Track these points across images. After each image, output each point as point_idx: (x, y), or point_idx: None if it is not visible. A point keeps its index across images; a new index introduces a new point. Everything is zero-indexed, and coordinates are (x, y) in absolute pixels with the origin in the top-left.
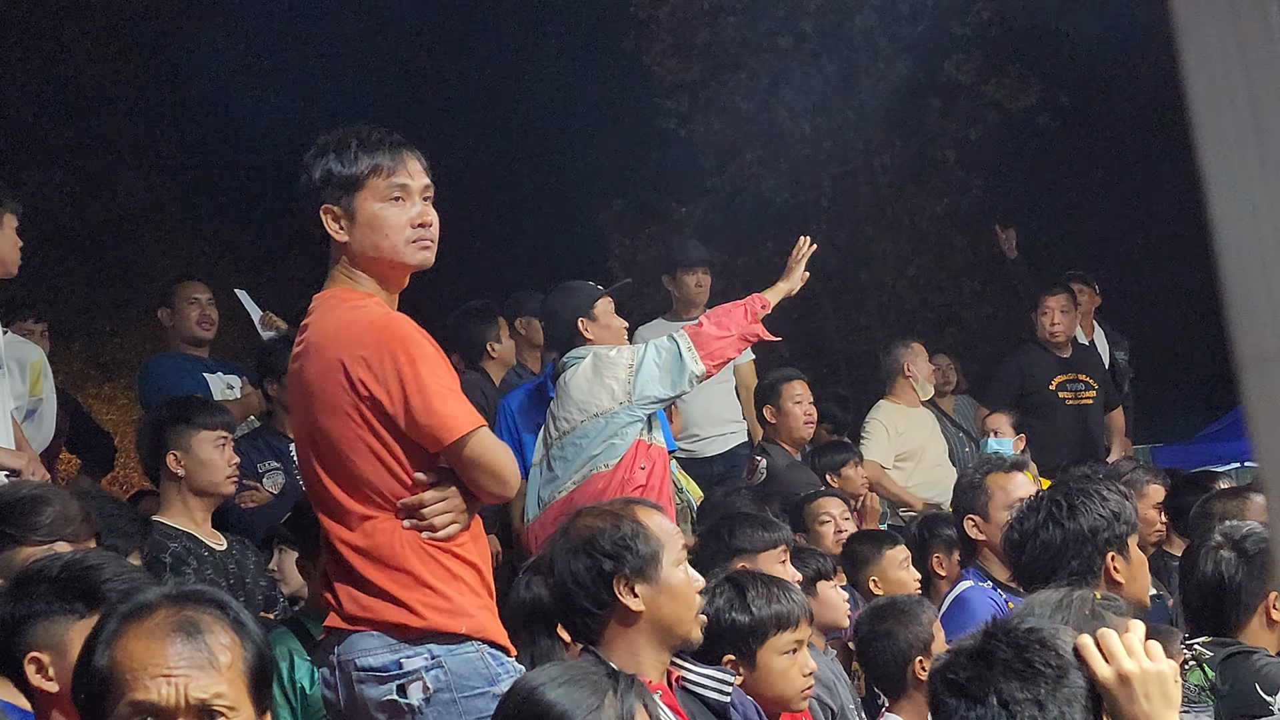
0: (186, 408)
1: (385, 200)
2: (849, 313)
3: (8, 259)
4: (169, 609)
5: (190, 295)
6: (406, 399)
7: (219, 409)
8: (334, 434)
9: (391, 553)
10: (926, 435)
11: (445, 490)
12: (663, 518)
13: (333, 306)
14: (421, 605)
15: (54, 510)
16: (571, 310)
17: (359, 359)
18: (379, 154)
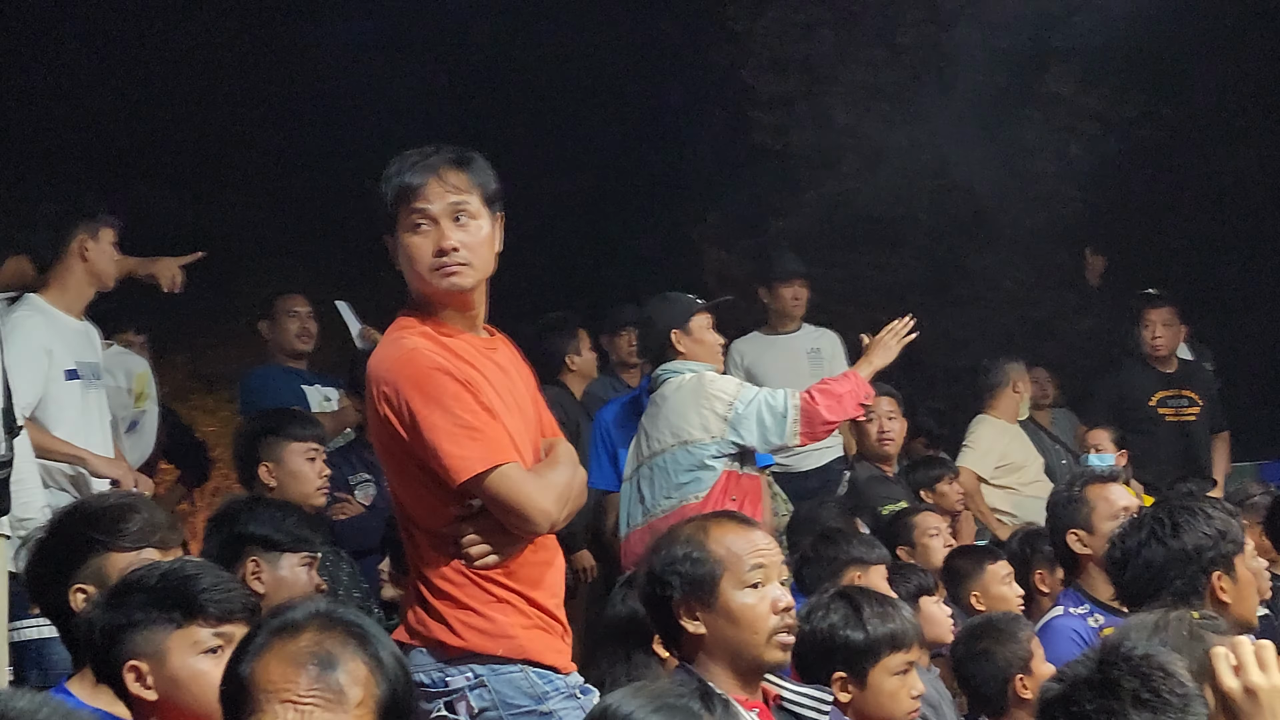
0: (278, 420)
1: (410, 230)
2: (946, 326)
3: (104, 273)
4: (314, 633)
5: (290, 308)
6: (420, 437)
7: (310, 421)
8: (385, 462)
9: (437, 573)
10: (1027, 451)
11: (478, 523)
12: (740, 536)
13: (386, 336)
14: (461, 625)
15: (142, 518)
16: (666, 321)
17: (383, 395)
18: (407, 176)
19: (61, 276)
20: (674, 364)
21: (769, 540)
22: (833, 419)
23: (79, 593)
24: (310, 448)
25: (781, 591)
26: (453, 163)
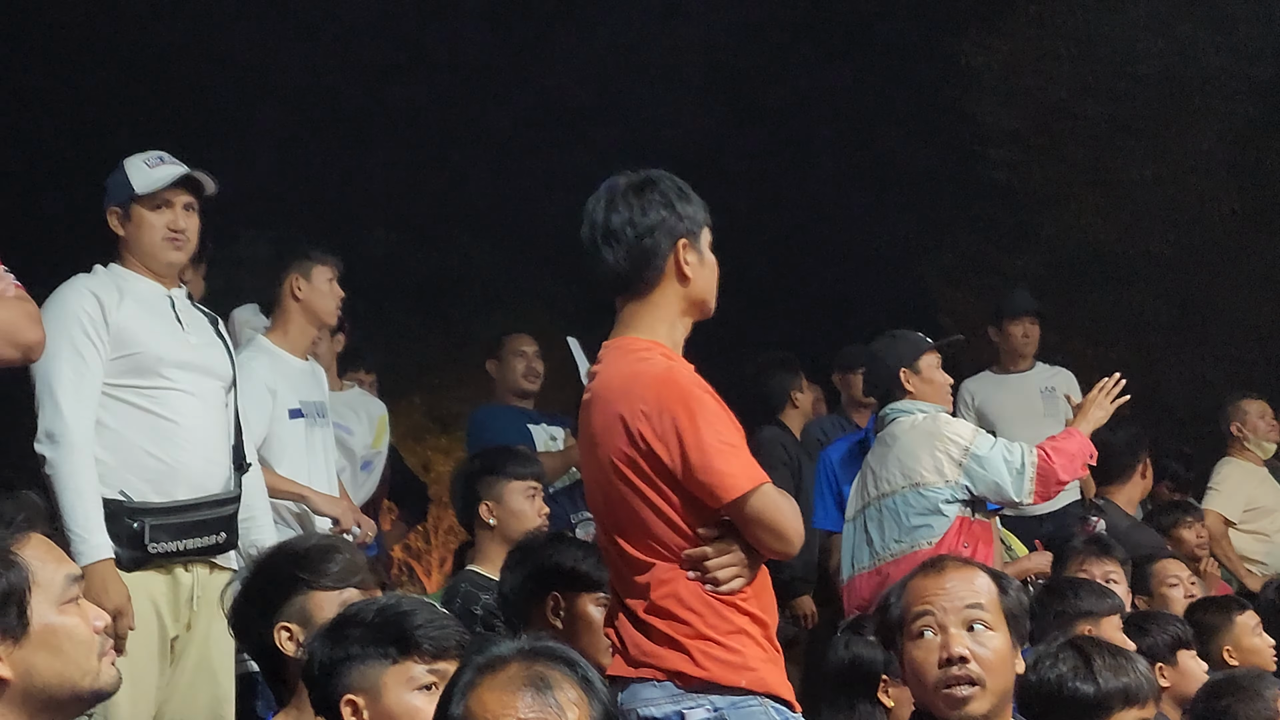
0: (498, 458)
1: (709, 247)
2: (1191, 366)
3: (321, 310)
4: (521, 663)
5: (517, 348)
6: (685, 455)
7: (530, 459)
8: (617, 484)
9: (676, 602)
10: (1276, 495)
11: (729, 544)
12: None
13: (620, 356)
14: (703, 655)
15: (343, 558)
16: (895, 359)
17: (639, 413)
18: (703, 204)
19: (281, 317)
20: (903, 403)
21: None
22: (1066, 479)
23: (283, 630)
24: (529, 486)
25: (953, 640)
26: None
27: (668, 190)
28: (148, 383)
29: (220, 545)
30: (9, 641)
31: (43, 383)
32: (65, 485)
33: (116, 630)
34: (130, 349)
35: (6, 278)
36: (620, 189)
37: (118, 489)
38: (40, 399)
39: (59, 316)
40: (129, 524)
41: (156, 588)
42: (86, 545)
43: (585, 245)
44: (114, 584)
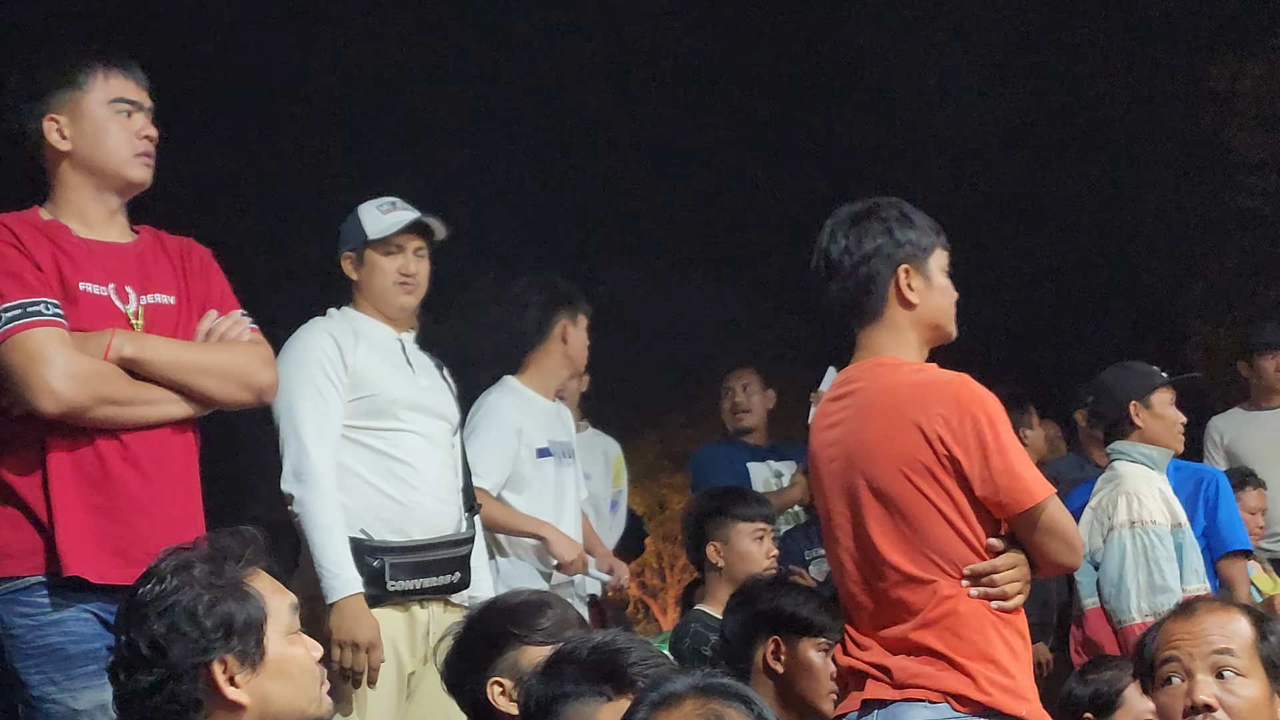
0: (725, 499)
1: (944, 270)
2: None
3: (579, 358)
4: (696, 700)
5: (728, 384)
6: (987, 459)
7: (758, 501)
8: (898, 496)
9: (957, 620)
10: None
11: (1016, 557)
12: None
13: (887, 371)
14: (985, 679)
15: (555, 613)
16: (1126, 391)
17: (938, 417)
18: (937, 230)
19: (540, 359)
20: (1127, 445)
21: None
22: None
23: (495, 685)
24: (758, 528)
25: (1198, 687)
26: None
27: (888, 217)
28: (382, 424)
29: (455, 585)
30: (247, 669)
31: (287, 423)
32: (315, 523)
33: (370, 662)
34: (366, 391)
35: (243, 321)
36: (841, 218)
37: (358, 528)
38: (285, 439)
39: (299, 358)
40: (369, 562)
41: (394, 624)
42: (338, 580)
43: (814, 276)
44: (365, 618)
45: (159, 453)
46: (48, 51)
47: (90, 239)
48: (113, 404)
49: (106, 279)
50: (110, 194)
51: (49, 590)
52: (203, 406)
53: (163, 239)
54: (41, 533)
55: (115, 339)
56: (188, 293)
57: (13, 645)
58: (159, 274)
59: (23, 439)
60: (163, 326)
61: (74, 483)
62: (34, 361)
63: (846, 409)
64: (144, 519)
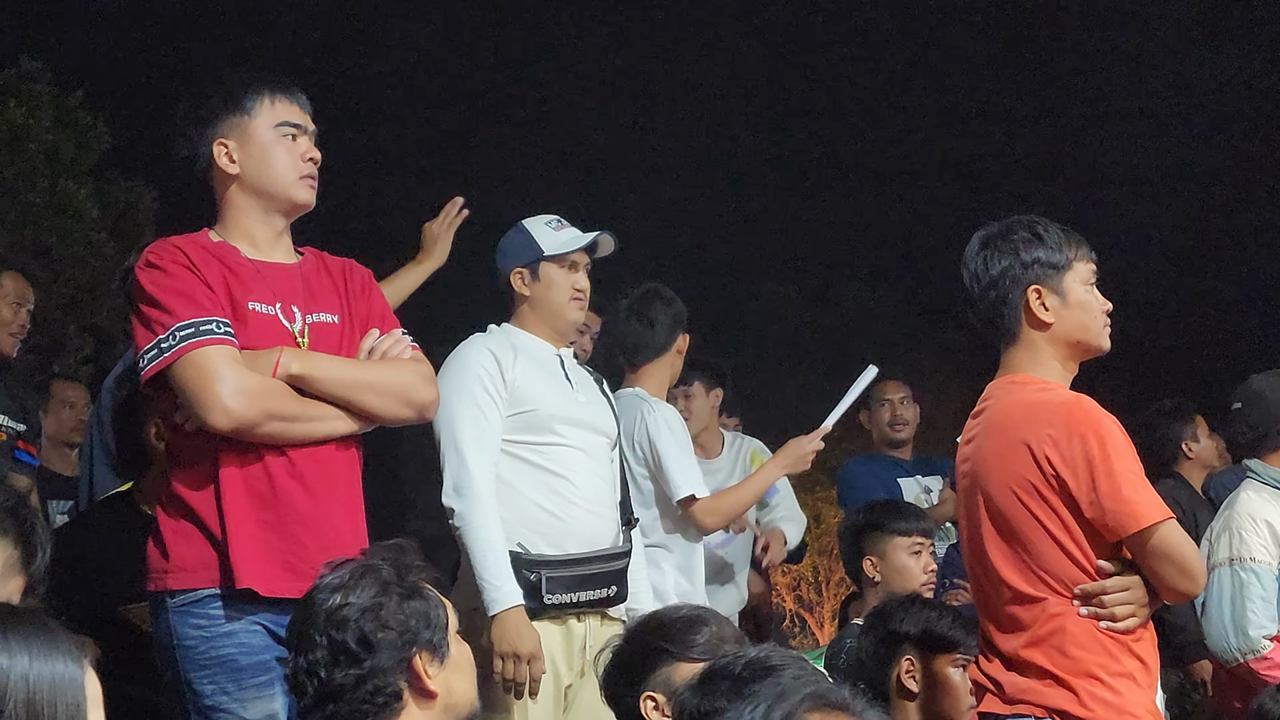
0: (882, 513)
1: (1087, 284)
2: None
3: (680, 369)
4: (813, 707)
5: (884, 395)
6: (1094, 482)
7: (915, 515)
8: (1010, 514)
9: (1064, 637)
10: None
11: (1129, 579)
12: None
13: (1015, 390)
14: (1088, 695)
15: (710, 630)
16: None
17: (1046, 437)
18: (1077, 244)
19: (658, 369)
20: (1261, 465)
21: None
22: None
23: (649, 700)
24: (915, 542)
25: None
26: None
27: (1017, 238)
28: (541, 439)
29: (612, 598)
30: (437, 662)
31: (448, 438)
32: (475, 536)
33: (531, 674)
34: (525, 406)
35: (404, 340)
36: (974, 243)
37: (515, 541)
38: (445, 454)
39: (460, 374)
40: (526, 575)
41: (551, 637)
42: (499, 593)
43: (963, 294)
44: (527, 629)
45: (324, 468)
46: (216, 79)
47: (258, 260)
48: (281, 420)
49: (274, 299)
50: (277, 215)
51: (221, 602)
52: (366, 423)
53: (325, 260)
54: (215, 546)
55: (284, 356)
56: (350, 312)
57: (185, 656)
58: (323, 294)
59: (196, 455)
60: (327, 345)
61: (244, 498)
62: (207, 378)
63: (979, 425)
64: (310, 534)
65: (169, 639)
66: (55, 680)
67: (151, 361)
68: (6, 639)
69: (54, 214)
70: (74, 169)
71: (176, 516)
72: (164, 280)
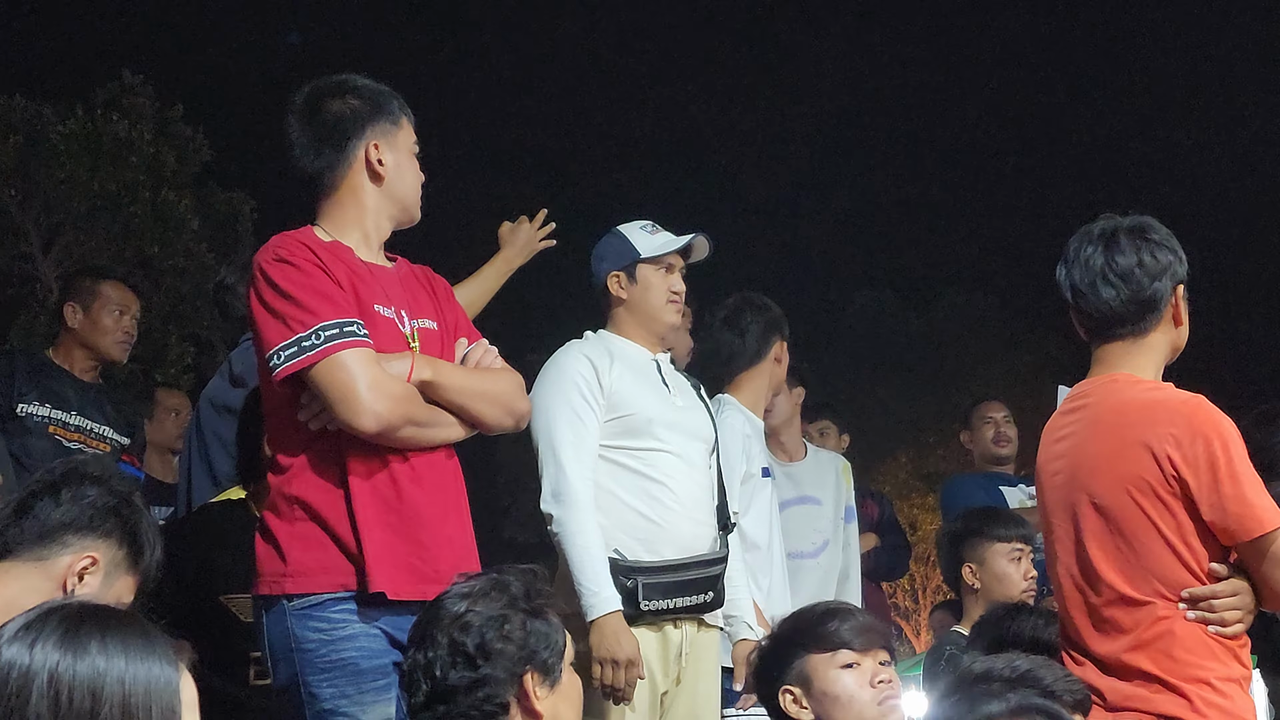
0: (981, 519)
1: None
2: None
3: (781, 380)
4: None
5: (986, 414)
6: (1217, 484)
7: (1015, 521)
8: (1120, 515)
9: (1172, 641)
10: None
11: (1239, 584)
12: None
13: (1122, 388)
14: (1201, 700)
15: (836, 623)
16: None
17: (1168, 437)
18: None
19: (754, 378)
20: None
21: None
22: None
23: (786, 694)
24: (1015, 548)
25: None
26: None
27: (1167, 235)
28: (638, 444)
29: (708, 604)
30: (547, 687)
31: (546, 445)
32: (573, 542)
33: (627, 679)
34: (622, 411)
35: (492, 350)
36: (1121, 229)
37: (612, 547)
38: (543, 460)
39: (557, 381)
40: (623, 581)
41: (648, 643)
42: (598, 599)
43: (1075, 286)
44: (625, 635)
45: (440, 474)
46: (358, 84)
47: (369, 262)
48: (416, 425)
49: (389, 301)
50: (394, 225)
51: (344, 606)
52: (473, 430)
53: (411, 266)
54: (343, 550)
55: (417, 362)
56: (443, 318)
57: (304, 659)
58: (420, 299)
59: (322, 458)
60: (430, 350)
61: (371, 502)
62: (355, 380)
63: (1076, 423)
64: (431, 537)
65: (286, 641)
66: (151, 683)
67: (291, 359)
68: (105, 641)
69: (155, 225)
70: (175, 180)
71: (295, 520)
72: (299, 278)
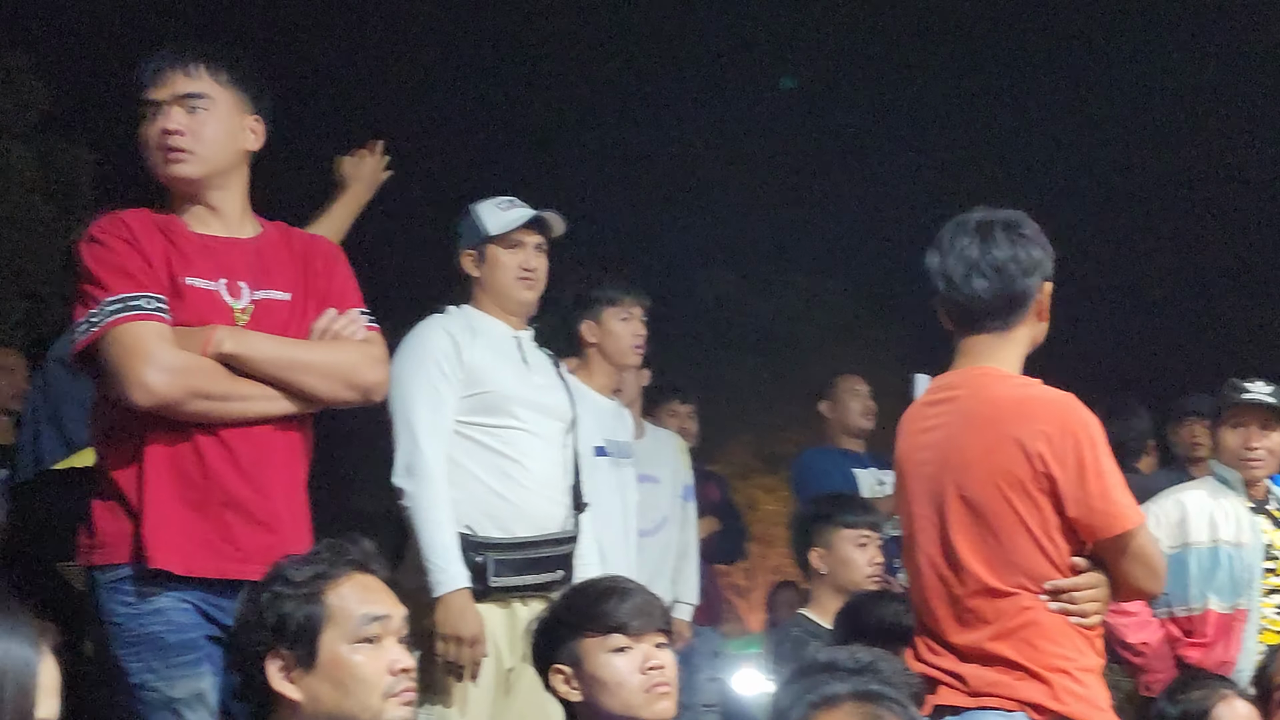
0: (832, 505)
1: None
2: None
3: (613, 351)
4: (856, 703)
5: (852, 387)
6: (1084, 482)
7: (865, 508)
8: (989, 508)
9: (1036, 630)
10: None
11: (1098, 576)
12: None
13: (994, 382)
14: (1063, 689)
15: (615, 603)
16: None
17: (1040, 434)
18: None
19: (587, 360)
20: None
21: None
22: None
23: (556, 673)
24: (861, 534)
25: None
26: None
27: (1037, 231)
28: (495, 421)
29: (558, 582)
30: (300, 668)
31: (401, 418)
32: (424, 518)
33: (471, 656)
34: (480, 388)
35: (360, 320)
36: (997, 223)
37: (463, 524)
38: (398, 434)
39: (416, 355)
40: (473, 558)
41: (495, 620)
42: (445, 575)
43: (948, 275)
44: (470, 612)
45: (260, 450)
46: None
47: (206, 234)
48: (207, 399)
49: (218, 274)
50: (211, 191)
51: (145, 580)
52: (307, 404)
53: (291, 235)
54: (135, 523)
55: (216, 334)
56: (306, 290)
57: (113, 632)
58: (278, 270)
59: (125, 430)
60: (273, 323)
61: (169, 476)
62: (130, 355)
63: (946, 415)
64: (239, 515)
65: (99, 615)
66: (7, 663)
67: (80, 336)
68: None
69: None
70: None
71: (104, 492)
72: (102, 254)
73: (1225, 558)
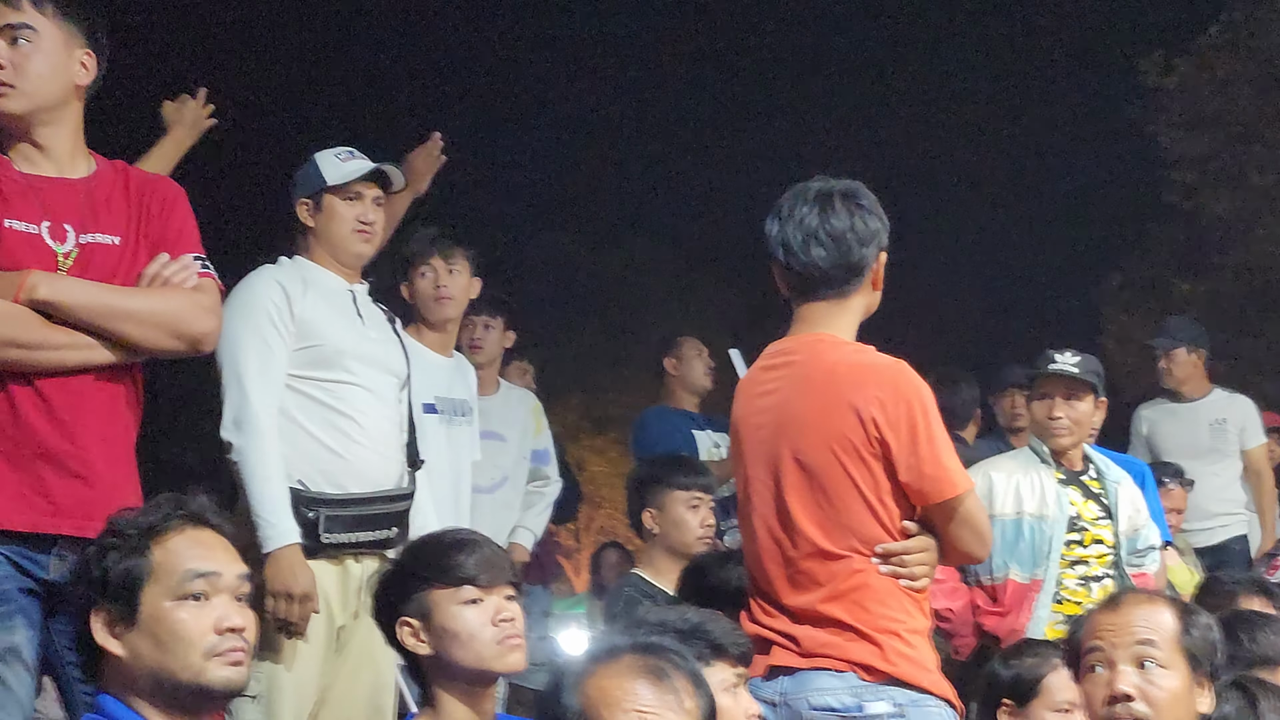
0: (664, 467)
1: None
2: None
3: (425, 309)
4: (636, 654)
5: (700, 348)
6: (915, 447)
7: (698, 469)
8: (823, 472)
9: (867, 593)
10: None
11: (927, 540)
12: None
13: (830, 349)
14: (892, 650)
15: (463, 557)
16: None
17: (874, 399)
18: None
19: (416, 315)
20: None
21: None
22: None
23: (405, 626)
24: (694, 496)
25: (1119, 677)
26: None
27: (874, 202)
28: (328, 375)
29: (392, 540)
30: (123, 623)
31: (230, 370)
32: (252, 472)
33: (300, 613)
34: (312, 341)
35: (193, 266)
36: (836, 192)
37: (295, 479)
38: (226, 386)
39: (246, 305)
40: (305, 513)
41: (326, 577)
42: (275, 530)
43: (786, 243)
44: (301, 568)
45: (77, 400)
46: None
47: (32, 174)
48: (18, 347)
49: (41, 217)
50: (38, 127)
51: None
52: (128, 354)
53: (129, 176)
54: None
55: (29, 280)
56: (139, 233)
57: None
58: (108, 213)
59: None
60: (100, 267)
61: None
62: None
63: (782, 380)
64: (53, 467)
65: None
66: None
67: None
68: None
69: None
70: None
71: None
72: None
73: (1028, 529)
